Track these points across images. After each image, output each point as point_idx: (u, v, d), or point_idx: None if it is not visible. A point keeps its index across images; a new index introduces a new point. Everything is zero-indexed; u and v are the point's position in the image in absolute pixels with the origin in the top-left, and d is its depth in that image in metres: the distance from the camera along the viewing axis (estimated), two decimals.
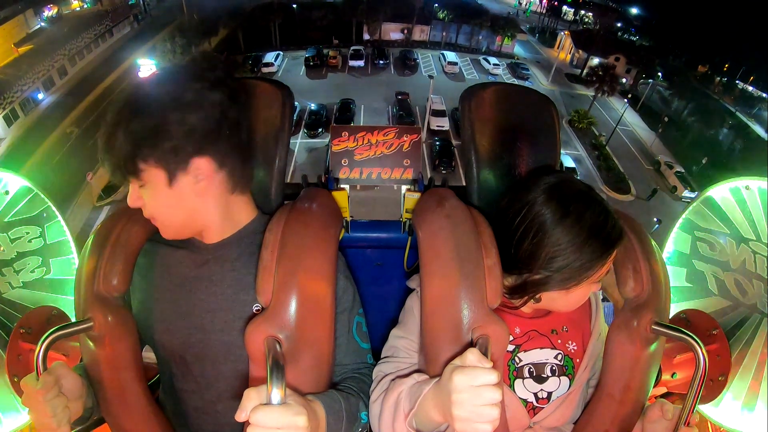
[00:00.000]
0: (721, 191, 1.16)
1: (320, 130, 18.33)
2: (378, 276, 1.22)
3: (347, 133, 1.05)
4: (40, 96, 19.47)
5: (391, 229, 1.13)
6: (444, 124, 18.93)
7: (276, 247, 0.73)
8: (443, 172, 16.60)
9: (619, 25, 31.83)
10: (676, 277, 1.18)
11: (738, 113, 23.27)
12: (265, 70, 23.73)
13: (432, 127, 18.65)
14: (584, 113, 21.60)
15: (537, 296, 0.80)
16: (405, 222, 1.09)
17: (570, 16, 36.69)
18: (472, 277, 0.72)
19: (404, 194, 1.04)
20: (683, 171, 18.42)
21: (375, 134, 1.05)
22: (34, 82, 19.09)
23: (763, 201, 1.10)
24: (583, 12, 35.26)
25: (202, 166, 0.71)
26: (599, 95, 22.17)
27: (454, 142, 17.40)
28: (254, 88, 0.90)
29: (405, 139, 1.05)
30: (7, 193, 1.10)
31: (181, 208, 0.74)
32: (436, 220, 0.79)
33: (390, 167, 1.05)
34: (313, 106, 19.43)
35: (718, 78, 27.50)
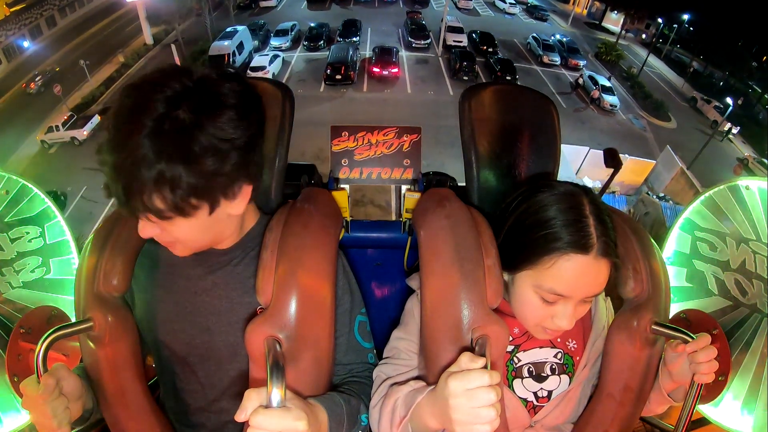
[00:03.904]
0: (721, 191, 1.16)
1: (321, 43, 18.23)
2: (378, 276, 1.22)
3: (347, 133, 1.05)
4: (26, 44, 19.16)
5: (391, 229, 1.13)
6: (462, 39, 18.60)
7: (276, 247, 0.73)
8: (465, 79, 16.32)
9: None
10: (676, 277, 1.18)
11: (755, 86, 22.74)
12: (263, 3, 23.66)
13: (449, 43, 18.55)
14: (612, 45, 21.13)
15: None
16: (405, 222, 1.09)
17: None
18: (472, 277, 0.72)
19: (404, 194, 1.04)
20: (722, 106, 17.33)
21: (375, 134, 1.05)
22: (20, 29, 18.75)
23: (763, 201, 1.10)
24: None
25: (246, 190, 0.71)
26: (627, 24, 21.55)
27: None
28: (253, 88, 0.90)
29: (405, 139, 1.05)
30: (7, 193, 1.10)
31: (212, 230, 0.73)
32: (436, 220, 0.79)
33: (390, 167, 1.05)
34: (312, 24, 19.49)
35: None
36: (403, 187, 1.06)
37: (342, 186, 1.05)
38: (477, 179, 0.95)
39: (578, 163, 11.54)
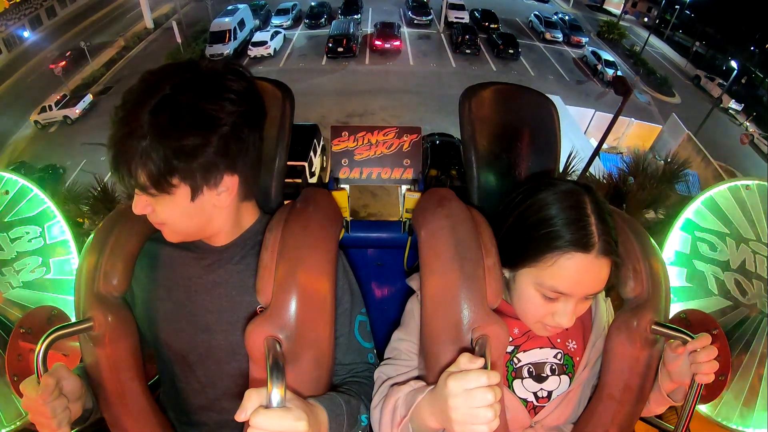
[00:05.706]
0: (721, 191, 1.16)
1: (322, 20, 18.42)
2: (378, 276, 1.22)
3: (347, 133, 1.05)
4: (26, 34, 19.36)
5: (391, 229, 1.13)
6: (463, 16, 18.73)
7: (276, 247, 0.73)
8: (467, 52, 16.38)
9: None
10: (676, 277, 1.18)
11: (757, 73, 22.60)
12: None
13: (450, 19, 18.68)
14: (614, 24, 20.95)
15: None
16: (405, 222, 1.09)
17: None
18: (472, 277, 0.72)
19: (404, 194, 1.04)
20: (726, 84, 17.52)
21: (375, 134, 1.05)
22: (20, 19, 18.96)
23: (763, 201, 1.10)
24: None
25: (229, 182, 0.72)
26: (628, 5, 21.54)
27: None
28: (256, 86, 0.90)
29: (405, 139, 1.05)
30: (7, 192, 1.10)
31: (196, 218, 0.74)
32: (436, 220, 0.79)
33: (390, 167, 1.05)
34: (313, 2, 19.66)
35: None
36: (403, 187, 1.06)
37: (342, 186, 1.05)
38: (477, 179, 0.95)
39: (585, 125, 11.60)
